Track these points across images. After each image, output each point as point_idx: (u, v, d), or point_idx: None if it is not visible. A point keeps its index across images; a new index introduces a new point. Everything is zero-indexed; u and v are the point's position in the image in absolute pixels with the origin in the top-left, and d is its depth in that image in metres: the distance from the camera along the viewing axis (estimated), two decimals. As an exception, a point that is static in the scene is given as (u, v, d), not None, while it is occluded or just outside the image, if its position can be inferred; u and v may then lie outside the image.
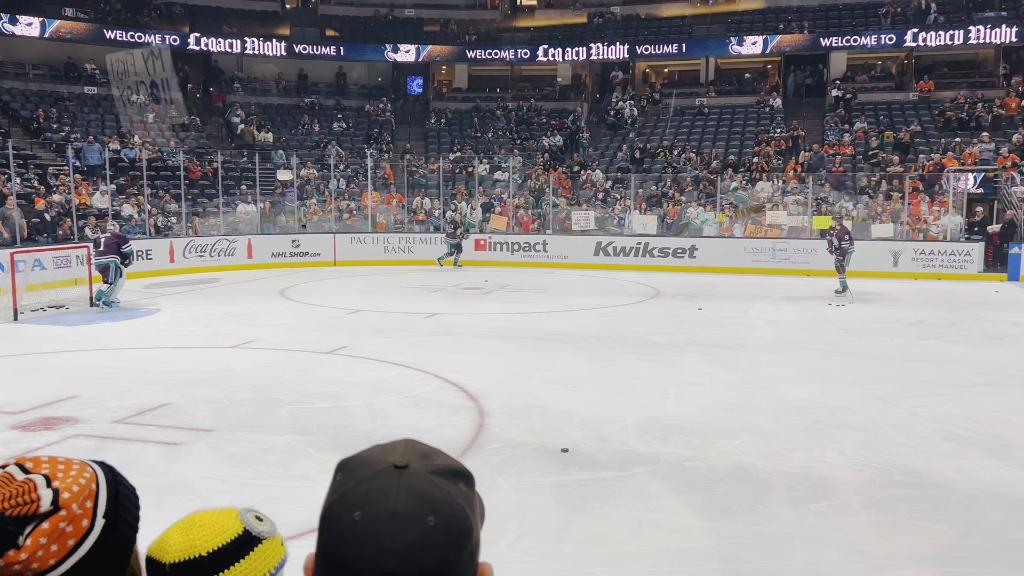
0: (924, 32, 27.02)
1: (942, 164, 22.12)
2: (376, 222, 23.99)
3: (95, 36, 27.36)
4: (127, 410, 7.43)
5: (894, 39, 27.52)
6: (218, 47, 29.30)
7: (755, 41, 28.61)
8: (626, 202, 23.45)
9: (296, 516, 4.89)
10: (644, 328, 12.26)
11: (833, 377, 8.92)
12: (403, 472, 0.93)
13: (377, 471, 0.94)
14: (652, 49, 30.13)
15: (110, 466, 1.15)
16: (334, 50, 31.15)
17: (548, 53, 30.61)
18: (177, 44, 28.61)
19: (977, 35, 26.35)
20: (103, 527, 1.06)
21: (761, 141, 26.11)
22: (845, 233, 16.21)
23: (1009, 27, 26.06)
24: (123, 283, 14.59)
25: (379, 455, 0.96)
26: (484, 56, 31.40)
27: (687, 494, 5.42)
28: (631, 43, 30.09)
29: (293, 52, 30.60)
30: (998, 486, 5.58)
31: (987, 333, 11.84)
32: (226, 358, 10.01)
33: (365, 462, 0.96)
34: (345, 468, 0.97)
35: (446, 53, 31.67)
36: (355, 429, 6.88)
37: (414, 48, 31.09)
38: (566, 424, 7.05)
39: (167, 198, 22.20)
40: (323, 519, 0.94)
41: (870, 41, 27.90)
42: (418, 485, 0.92)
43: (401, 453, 0.96)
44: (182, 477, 5.75)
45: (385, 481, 0.92)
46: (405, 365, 9.39)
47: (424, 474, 0.93)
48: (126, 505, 1.12)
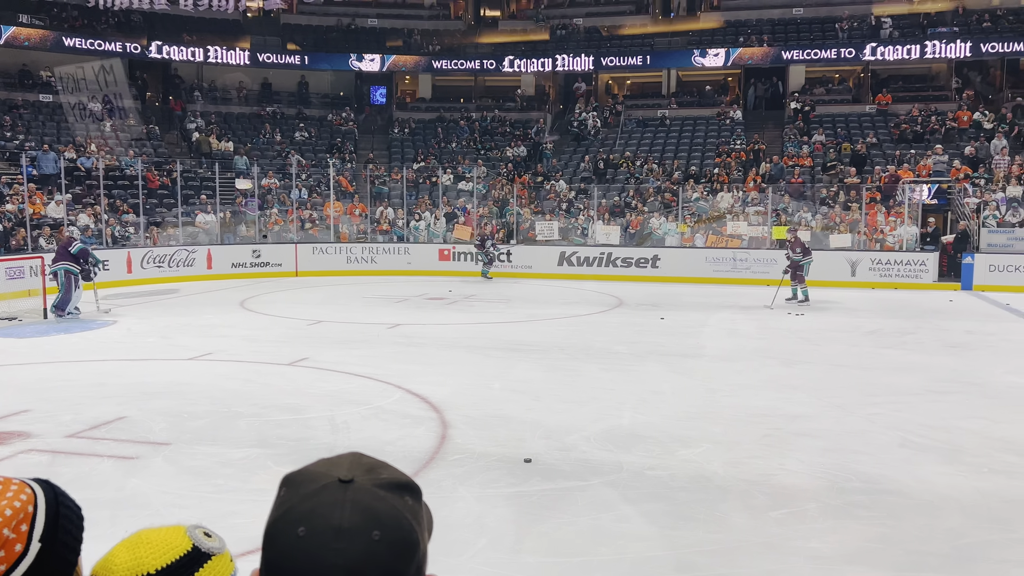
0: (883, 47, 27.58)
1: (897, 176, 22.58)
2: (339, 232, 23.84)
3: (54, 44, 26.93)
4: (81, 424, 7.28)
5: (853, 53, 28.05)
6: (181, 56, 28.96)
7: (717, 53, 29.01)
8: (589, 212, 23.59)
9: (255, 530, 4.79)
10: (607, 338, 12.31)
11: (792, 385, 9.03)
12: (348, 486, 0.92)
13: (322, 486, 0.92)
14: (617, 61, 30.39)
15: (52, 485, 1.11)
16: (298, 59, 30.95)
17: (514, 64, 30.72)
18: (138, 53, 28.27)
19: (934, 50, 26.97)
20: (39, 551, 1.02)
21: (722, 152, 26.44)
22: (799, 245, 16.55)
23: (963, 43, 26.72)
24: (79, 293, 14.20)
25: (324, 469, 0.95)
26: (450, 66, 31.42)
27: (648, 503, 5.44)
28: (596, 55, 30.33)
29: (257, 61, 30.34)
30: (952, 492, 5.68)
31: (942, 341, 12.08)
32: (184, 370, 9.86)
33: (310, 477, 0.95)
34: (289, 483, 0.95)
35: (411, 63, 31.64)
36: (316, 442, 6.80)
37: (379, 58, 31.02)
38: (529, 434, 7.04)
39: (124, 208, 21.84)
40: (267, 535, 0.92)
41: (830, 54, 28.42)
42: (363, 499, 0.91)
43: (347, 467, 0.94)
44: (138, 492, 5.64)
45: (330, 496, 0.91)
46: (367, 376, 9.32)
47: (370, 488, 0.92)
48: (67, 527, 1.07)
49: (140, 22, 29.39)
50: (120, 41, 27.92)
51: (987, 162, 23.26)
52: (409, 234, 24.13)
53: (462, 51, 32.12)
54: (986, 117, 25.28)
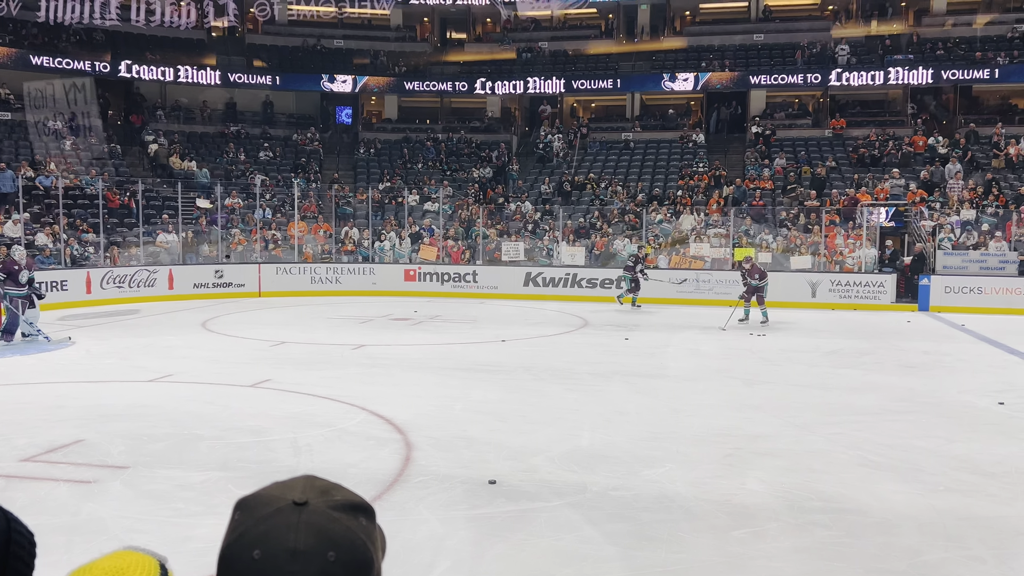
0: (847, 72, 28.12)
1: (856, 199, 23.03)
2: (303, 252, 23.70)
3: (20, 62, 26.66)
4: (36, 447, 7.13)
5: (819, 78, 28.59)
6: (150, 75, 28.77)
7: (687, 78, 29.43)
8: (555, 234, 23.72)
9: (215, 555, 4.75)
10: (572, 358, 12.36)
11: (753, 405, 9.13)
12: (303, 509, 0.93)
13: (276, 509, 0.93)
14: (587, 84, 30.71)
15: (3, 510, 1.10)
16: (269, 79, 30.87)
17: (486, 86, 30.86)
18: (107, 71, 28.08)
19: (896, 76, 27.62)
20: None
21: (685, 175, 26.78)
22: (757, 271, 16.91)
23: (924, 69, 27.43)
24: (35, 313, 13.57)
25: (278, 492, 0.96)
26: (421, 87, 31.52)
27: (611, 523, 5.46)
28: (568, 77, 30.63)
29: (228, 81, 30.19)
30: (909, 510, 5.78)
31: (899, 361, 12.30)
32: (144, 392, 9.71)
33: (264, 500, 0.96)
34: (243, 507, 0.96)
35: (383, 84, 31.68)
36: (278, 464, 6.73)
37: (351, 79, 31.05)
38: (494, 455, 7.04)
39: (84, 227, 21.51)
40: (221, 559, 0.93)
41: (796, 79, 28.95)
42: (318, 521, 0.92)
43: (300, 490, 0.96)
44: (95, 516, 5.53)
45: (284, 518, 0.92)
46: (331, 398, 9.26)
47: (324, 510, 0.94)
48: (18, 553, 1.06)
49: (102, 40, 29.09)
50: (89, 60, 27.68)
51: (942, 186, 23.83)
52: (374, 254, 24.06)
53: (430, 72, 32.24)
54: (940, 142, 25.92)
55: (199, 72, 29.48)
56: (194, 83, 29.59)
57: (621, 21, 33.50)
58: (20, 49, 26.79)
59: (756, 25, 32.05)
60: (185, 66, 29.18)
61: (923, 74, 27.50)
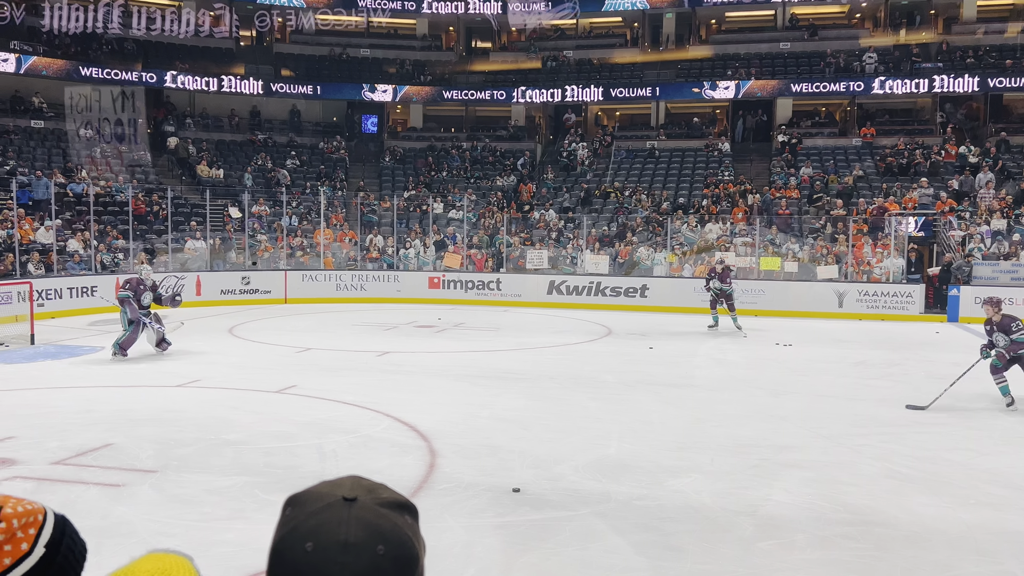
0: (877, 80, 27.79)
1: (884, 208, 22.81)
2: (327, 258, 23.89)
3: (71, 73, 27.40)
4: (67, 451, 7.23)
5: (862, 86, 28.21)
6: (196, 85, 29.44)
7: (727, 86, 29.31)
8: (578, 242, 23.71)
9: (242, 559, 4.80)
10: (596, 367, 12.34)
11: (780, 416, 9.06)
12: (352, 504, 0.96)
13: (327, 504, 0.97)
14: (626, 92, 30.75)
15: (65, 518, 1.17)
16: (310, 89, 31.28)
17: (525, 94, 30.98)
18: (154, 81, 28.82)
19: (934, 84, 27.29)
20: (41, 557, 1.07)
21: (710, 183, 26.68)
22: (728, 275, 17.16)
23: (953, 77, 27.13)
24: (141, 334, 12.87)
25: (328, 490, 1.00)
26: (460, 96, 31.73)
27: (636, 534, 5.44)
28: (605, 86, 30.65)
29: (270, 91, 30.69)
30: (938, 524, 5.70)
31: (928, 373, 12.14)
32: (172, 397, 9.82)
33: (314, 496, 0.99)
34: (294, 503, 1.00)
35: (423, 93, 31.90)
36: (303, 470, 6.78)
37: (391, 88, 31.40)
38: (517, 463, 7.04)
39: (114, 234, 21.82)
40: (274, 552, 0.96)
41: (838, 87, 28.64)
42: (367, 516, 0.95)
43: (349, 487, 1.00)
44: (124, 519, 5.60)
45: (335, 513, 0.95)
46: (356, 404, 9.31)
47: (372, 506, 0.97)
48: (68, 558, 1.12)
49: (133, 49, 29.55)
50: (138, 71, 28.56)
51: (971, 195, 23.54)
52: (399, 262, 24.18)
53: (452, 81, 32.40)
54: (971, 151, 25.61)
55: (242, 82, 30.13)
56: (237, 92, 30.20)
57: (646, 30, 33.47)
58: (73, 60, 27.60)
59: (783, 33, 31.89)
60: (228, 76, 29.88)
61: (953, 82, 27.19)
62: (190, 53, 30.12)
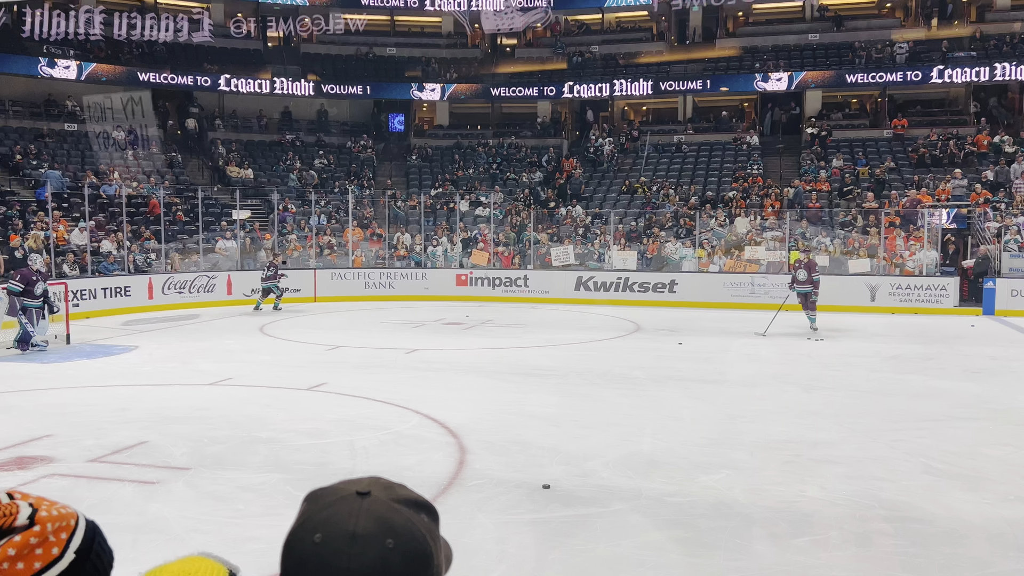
0: (950, 69, 27.12)
1: (917, 200, 22.47)
2: (355, 257, 24.02)
3: (129, 78, 28.28)
4: (103, 449, 7.33)
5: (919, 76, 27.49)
6: (248, 88, 30.01)
7: (780, 77, 28.85)
8: (606, 238, 23.62)
9: (275, 556, 4.82)
10: (625, 363, 12.28)
11: (813, 411, 8.95)
12: (365, 498, 0.96)
13: (340, 497, 0.96)
14: (677, 85, 30.41)
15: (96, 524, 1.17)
16: (360, 89, 31.54)
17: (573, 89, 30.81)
18: (208, 86, 29.58)
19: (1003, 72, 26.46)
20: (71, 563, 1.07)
21: (739, 177, 26.44)
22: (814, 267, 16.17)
23: (984, 68, 26.54)
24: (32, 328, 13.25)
25: (344, 486, 0.99)
26: (508, 94, 31.79)
27: (668, 530, 5.41)
28: (655, 80, 30.42)
29: (320, 92, 31.08)
30: (977, 520, 5.60)
31: (964, 367, 11.95)
32: (204, 395, 9.92)
33: (330, 491, 0.99)
34: (311, 498, 1.00)
35: (470, 90, 31.97)
36: (334, 467, 6.81)
37: (439, 87, 31.57)
38: (547, 460, 7.02)
39: (147, 234, 22.09)
40: (286, 544, 0.96)
41: (895, 76, 28.00)
42: (378, 510, 0.94)
43: (366, 484, 0.99)
44: (159, 516, 5.66)
45: (347, 506, 0.95)
46: (385, 401, 9.34)
47: (386, 501, 0.96)
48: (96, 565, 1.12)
49: (163, 52, 29.88)
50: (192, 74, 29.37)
51: (1007, 186, 23.12)
52: (426, 260, 24.24)
53: (479, 79, 32.37)
54: (1006, 141, 25.14)
55: (294, 84, 30.54)
56: (289, 94, 30.63)
57: (673, 24, 33.23)
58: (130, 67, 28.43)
59: (811, 25, 31.49)
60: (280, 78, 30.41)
61: (983, 72, 26.61)
62: (217, 55, 30.37)
